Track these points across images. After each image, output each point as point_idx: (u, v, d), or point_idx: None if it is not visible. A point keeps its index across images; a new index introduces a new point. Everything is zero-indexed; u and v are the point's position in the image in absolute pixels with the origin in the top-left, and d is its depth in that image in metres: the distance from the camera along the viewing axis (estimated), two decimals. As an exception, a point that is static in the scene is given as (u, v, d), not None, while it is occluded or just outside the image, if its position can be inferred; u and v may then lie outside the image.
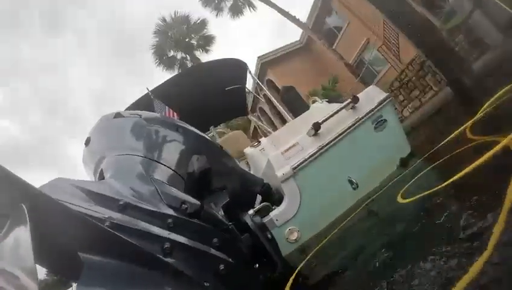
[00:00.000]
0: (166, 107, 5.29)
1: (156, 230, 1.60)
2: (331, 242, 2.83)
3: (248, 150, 3.99)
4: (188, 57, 22.53)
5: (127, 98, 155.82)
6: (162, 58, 22.11)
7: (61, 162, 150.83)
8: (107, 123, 2.71)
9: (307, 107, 4.92)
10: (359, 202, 3.19)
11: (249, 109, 9.97)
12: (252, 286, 2.08)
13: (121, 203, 1.62)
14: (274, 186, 3.25)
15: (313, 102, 4.68)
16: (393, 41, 12.89)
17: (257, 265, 2.50)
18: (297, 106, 7.61)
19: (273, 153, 3.30)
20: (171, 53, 22.51)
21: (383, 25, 12.74)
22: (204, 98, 6.21)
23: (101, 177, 2.19)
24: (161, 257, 1.46)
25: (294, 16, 17.77)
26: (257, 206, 2.95)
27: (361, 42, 17.56)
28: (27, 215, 1.01)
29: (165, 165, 2.25)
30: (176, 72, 21.39)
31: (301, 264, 2.72)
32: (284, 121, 14.03)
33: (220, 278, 1.66)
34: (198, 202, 1.85)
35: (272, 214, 2.91)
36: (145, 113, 2.76)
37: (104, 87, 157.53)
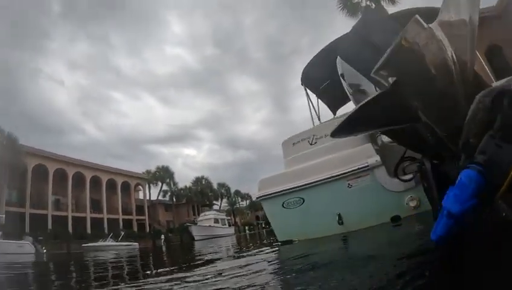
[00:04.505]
0: None
1: None
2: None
3: None
4: (373, 5, 21.56)
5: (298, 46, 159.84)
6: (346, 3, 22.01)
7: (226, 92, 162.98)
8: None
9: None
10: None
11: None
12: None
13: None
14: None
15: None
16: None
17: None
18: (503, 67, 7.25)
19: None
20: (356, -1, 22.04)
21: None
22: None
23: None
24: None
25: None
26: None
27: None
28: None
29: None
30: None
31: None
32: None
33: None
34: None
35: None
36: None
37: (276, 32, 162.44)
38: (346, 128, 3.05)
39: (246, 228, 67.77)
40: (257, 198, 7.82)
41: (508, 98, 1.71)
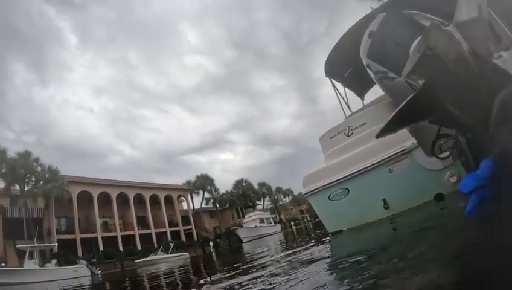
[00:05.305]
0: None
1: None
2: None
3: None
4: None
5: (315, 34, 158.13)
6: (355, -15, 21.64)
7: (252, 91, 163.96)
8: None
9: None
10: None
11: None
12: None
13: None
14: None
15: None
16: None
17: None
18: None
19: None
20: (368, -16, 21.62)
21: None
22: None
23: None
24: None
25: None
26: None
27: None
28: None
29: None
30: (369, 5, 20.98)
31: None
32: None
33: None
34: None
35: None
36: None
37: (291, 23, 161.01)
38: (388, 129, 3.34)
39: (292, 223, 67.69)
40: (303, 194, 8.13)
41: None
